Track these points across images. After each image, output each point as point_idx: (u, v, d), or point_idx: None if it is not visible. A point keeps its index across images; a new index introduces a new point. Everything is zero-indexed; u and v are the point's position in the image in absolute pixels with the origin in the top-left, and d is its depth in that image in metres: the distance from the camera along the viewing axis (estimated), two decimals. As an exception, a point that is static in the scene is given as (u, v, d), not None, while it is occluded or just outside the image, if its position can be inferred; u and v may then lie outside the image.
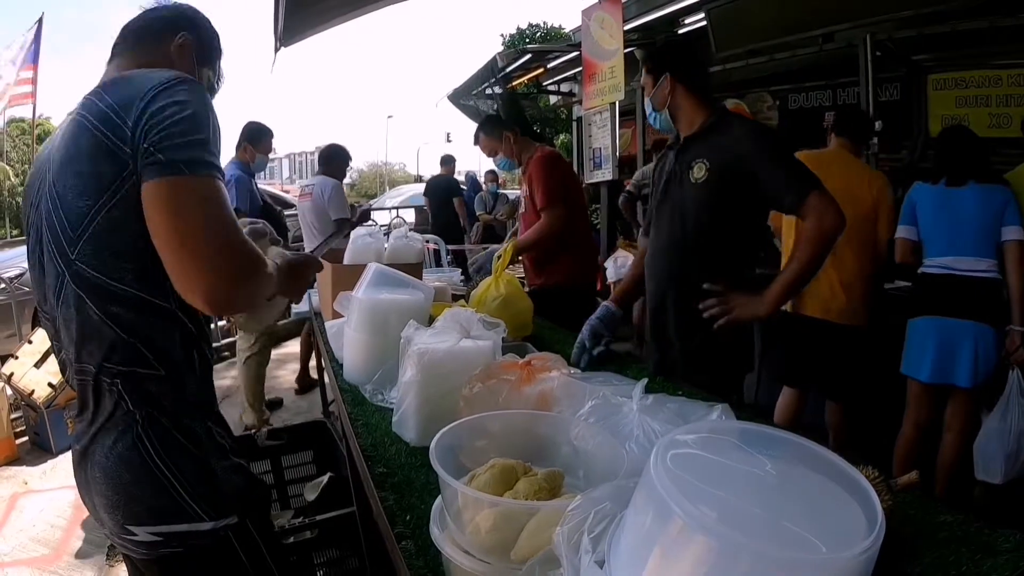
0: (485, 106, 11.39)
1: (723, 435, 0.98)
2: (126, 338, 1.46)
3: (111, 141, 1.39)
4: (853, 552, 0.74)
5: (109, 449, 1.50)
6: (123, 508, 1.51)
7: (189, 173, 1.38)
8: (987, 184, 3.65)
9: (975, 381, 3.57)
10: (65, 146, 1.47)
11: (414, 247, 3.62)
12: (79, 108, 1.47)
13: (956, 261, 3.67)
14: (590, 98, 7.08)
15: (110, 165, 1.39)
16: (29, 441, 5.50)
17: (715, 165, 2.61)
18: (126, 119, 1.39)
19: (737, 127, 2.66)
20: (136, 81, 1.46)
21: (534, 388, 1.75)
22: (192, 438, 1.54)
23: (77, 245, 1.43)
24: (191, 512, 1.51)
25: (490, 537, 1.14)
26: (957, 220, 3.69)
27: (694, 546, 0.75)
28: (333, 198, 6.23)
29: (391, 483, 1.75)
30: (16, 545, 3.99)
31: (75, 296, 1.45)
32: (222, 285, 1.38)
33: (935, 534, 1.43)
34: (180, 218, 1.36)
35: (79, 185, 1.42)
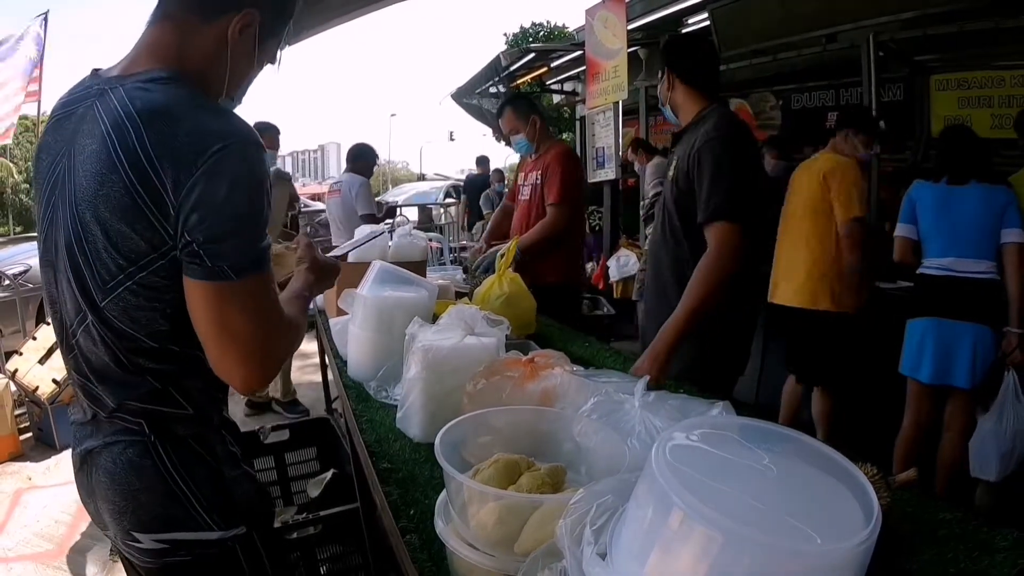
0: (489, 105, 11.41)
1: (724, 431, 0.99)
2: (152, 382, 1.41)
3: (151, 212, 1.26)
4: (851, 543, 0.76)
5: (118, 455, 1.44)
6: (130, 515, 1.45)
7: (237, 279, 1.29)
8: (989, 184, 3.66)
9: (974, 382, 3.60)
10: (93, 171, 1.29)
11: (418, 245, 3.63)
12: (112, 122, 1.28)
13: (955, 262, 3.68)
14: (593, 97, 7.09)
15: (150, 235, 1.28)
16: (33, 437, 5.52)
17: (681, 164, 2.65)
18: (170, 191, 1.25)
19: (707, 127, 2.63)
20: (185, 129, 1.26)
21: (537, 385, 1.76)
22: (206, 446, 1.50)
23: (108, 296, 1.34)
24: (200, 521, 1.46)
25: (494, 530, 1.16)
26: (958, 220, 3.70)
27: (694, 537, 0.76)
28: (360, 195, 6.41)
29: (395, 478, 1.76)
30: (20, 540, 4.01)
31: (98, 337, 1.39)
32: (261, 373, 1.39)
33: (933, 531, 1.44)
34: (224, 321, 1.31)
35: (110, 234, 1.29)
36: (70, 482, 4.49)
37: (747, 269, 2.60)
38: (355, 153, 6.69)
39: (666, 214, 2.76)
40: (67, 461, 4.95)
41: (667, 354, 2.43)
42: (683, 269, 2.64)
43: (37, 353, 5.40)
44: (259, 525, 1.61)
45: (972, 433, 3.71)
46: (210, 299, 1.30)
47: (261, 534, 1.61)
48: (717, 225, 2.46)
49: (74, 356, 1.46)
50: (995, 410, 3.64)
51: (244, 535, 1.54)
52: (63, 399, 5.19)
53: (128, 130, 1.26)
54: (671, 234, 2.75)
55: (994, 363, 3.63)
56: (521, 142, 4.29)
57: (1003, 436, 3.57)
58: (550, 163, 4.14)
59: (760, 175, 2.74)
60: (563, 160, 4.15)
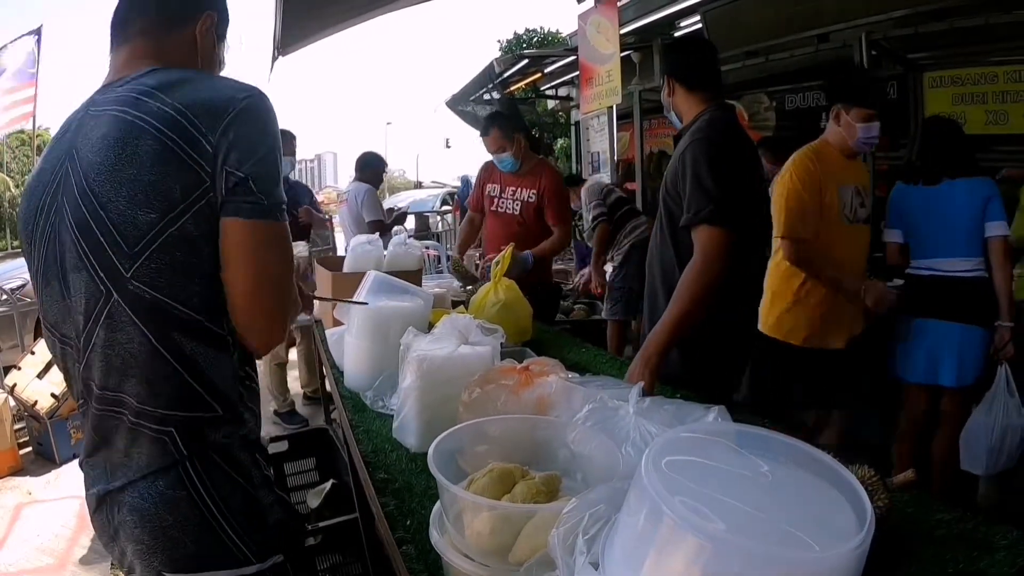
0: (483, 111, 11.42)
1: (717, 437, 0.99)
2: (179, 369, 1.33)
3: (186, 153, 1.28)
4: (843, 549, 0.75)
5: (146, 489, 1.35)
6: (160, 554, 1.37)
7: (278, 220, 1.38)
8: (971, 178, 3.63)
9: (961, 383, 3.60)
10: (106, 147, 1.30)
11: (413, 254, 3.64)
12: (125, 106, 1.33)
13: (942, 262, 3.67)
14: (588, 102, 7.10)
15: (184, 178, 1.28)
16: (33, 452, 5.50)
17: (669, 167, 2.66)
18: (206, 133, 1.29)
19: (694, 129, 2.64)
20: (206, 88, 1.37)
21: (532, 393, 1.76)
22: (241, 471, 1.44)
23: (136, 261, 1.28)
24: (237, 555, 1.40)
25: (488, 540, 1.16)
26: (944, 220, 3.66)
27: (684, 546, 0.76)
28: (366, 202, 6.49)
29: (392, 488, 1.76)
30: (21, 555, 4.00)
31: (122, 319, 1.31)
32: (282, 327, 1.46)
33: (932, 532, 1.44)
34: (263, 265, 1.36)
35: (138, 195, 1.27)
36: (70, 496, 4.51)
37: (741, 270, 2.57)
38: (363, 162, 6.77)
39: (658, 217, 2.76)
40: (67, 475, 4.99)
41: (657, 359, 2.39)
42: (670, 273, 2.64)
43: (36, 367, 5.40)
44: (292, 550, 1.57)
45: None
46: (253, 237, 1.35)
47: (294, 560, 1.57)
48: (701, 229, 2.44)
49: (87, 367, 1.37)
50: (985, 403, 3.65)
51: (280, 564, 1.49)
52: (62, 413, 5.20)
53: (146, 97, 1.33)
54: (660, 238, 2.74)
55: (986, 360, 3.62)
56: (506, 160, 4.40)
57: (992, 430, 3.58)
58: (550, 188, 4.38)
59: (752, 176, 2.70)
60: (559, 183, 4.52)
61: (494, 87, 10.61)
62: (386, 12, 6.47)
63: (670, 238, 2.68)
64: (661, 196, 2.72)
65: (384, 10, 6.38)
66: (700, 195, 2.45)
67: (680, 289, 2.44)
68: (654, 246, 2.82)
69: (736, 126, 2.75)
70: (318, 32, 6.41)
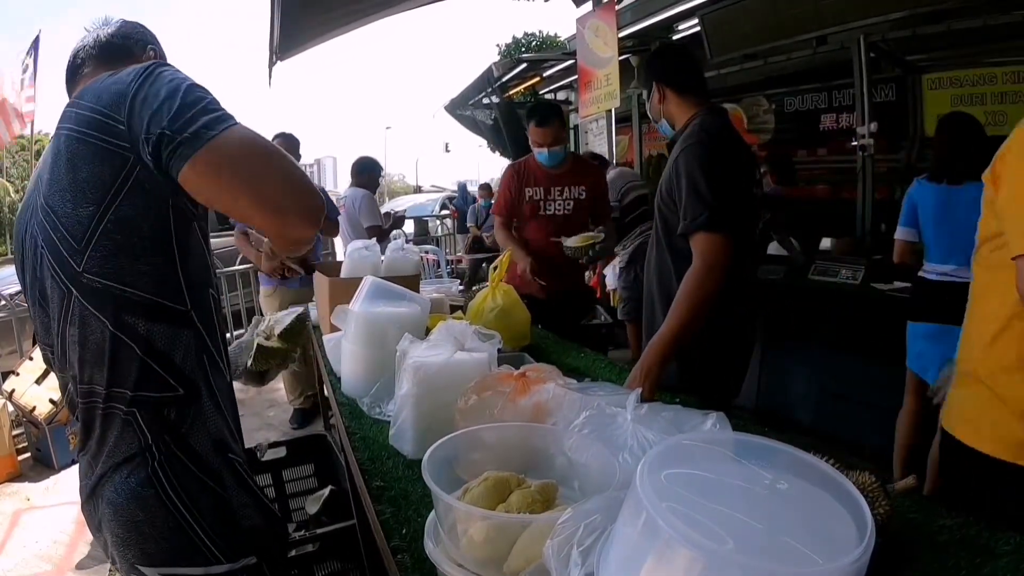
0: (483, 116, 11.42)
1: (715, 446, 0.98)
2: (139, 353, 1.40)
3: (105, 142, 1.34)
4: (841, 563, 0.74)
5: (120, 484, 1.43)
6: (134, 547, 1.44)
7: (219, 133, 1.32)
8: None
9: None
10: (52, 162, 1.40)
11: (411, 259, 3.62)
12: (61, 124, 1.42)
13: (957, 270, 3.61)
14: (586, 106, 7.09)
15: (109, 165, 1.34)
16: (31, 457, 5.49)
17: (665, 178, 2.65)
18: (116, 116, 1.35)
19: (686, 134, 2.64)
20: (110, 82, 1.41)
21: (529, 400, 1.75)
22: (210, 472, 1.48)
23: (84, 255, 1.36)
24: (207, 554, 1.44)
25: (483, 550, 1.15)
26: (959, 226, 3.54)
27: (679, 560, 0.75)
28: (363, 207, 6.50)
29: (388, 496, 1.74)
30: (19, 561, 3.99)
31: (83, 313, 1.39)
32: (308, 198, 1.39)
33: (935, 538, 1.43)
34: (239, 171, 1.33)
35: (77, 195, 1.35)
36: (68, 502, 4.51)
37: (736, 273, 2.55)
38: (359, 167, 6.77)
39: (654, 225, 2.74)
40: (65, 481, 4.98)
41: (658, 370, 2.38)
42: (667, 281, 2.64)
43: (34, 373, 5.39)
44: (270, 553, 1.60)
45: None
46: (213, 164, 1.32)
47: (272, 563, 1.60)
48: (699, 236, 2.43)
49: (61, 350, 1.48)
50: None
51: (254, 565, 1.53)
52: (60, 419, 5.18)
53: (71, 109, 1.41)
54: (657, 245, 2.74)
55: None
56: (559, 154, 4.24)
57: None
58: (599, 183, 4.40)
59: (746, 179, 2.69)
60: (604, 176, 4.52)
61: (493, 91, 10.59)
62: (385, 16, 6.48)
63: (666, 246, 2.68)
64: (656, 204, 2.71)
65: (383, 14, 6.39)
66: (696, 202, 2.44)
67: (680, 298, 2.43)
68: (651, 254, 2.81)
69: (729, 128, 2.73)
70: (316, 37, 6.42)
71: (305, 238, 1.44)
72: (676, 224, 2.55)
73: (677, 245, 2.60)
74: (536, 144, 4.23)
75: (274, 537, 1.66)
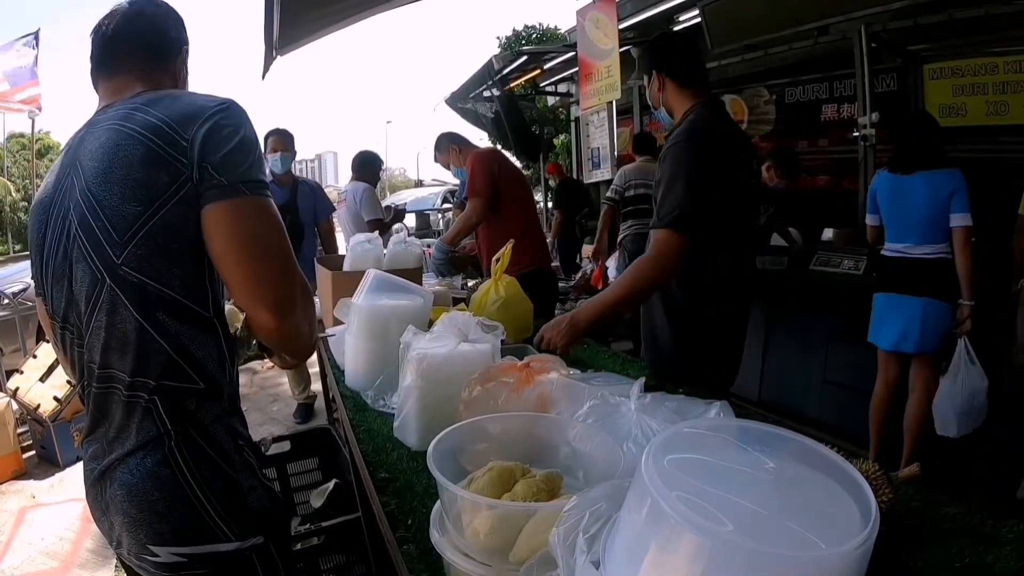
0: (484, 108, 11.42)
1: (720, 433, 0.98)
2: (165, 346, 1.46)
3: (166, 152, 1.42)
4: (846, 547, 0.74)
5: (135, 466, 1.48)
6: (147, 527, 1.49)
7: (251, 195, 1.47)
8: (935, 171, 4.00)
9: (921, 349, 4.07)
10: (103, 154, 1.46)
11: (413, 252, 3.63)
12: (118, 120, 1.49)
13: (908, 248, 4.13)
14: (587, 98, 7.08)
15: (166, 173, 1.42)
16: (36, 455, 5.50)
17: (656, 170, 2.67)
18: (183, 133, 1.43)
19: (677, 134, 2.65)
20: (186, 101, 1.52)
21: (533, 390, 1.75)
22: (223, 455, 1.54)
23: (125, 249, 1.42)
24: (217, 532, 1.50)
25: (488, 539, 1.15)
26: (907, 210, 4.13)
27: (684, 545, 0.75)
28: (365, 201, 6.51)
29: (393, 488, 1.75)
30: (25, 559, 4.00)
31: (114, 301, 1.44)
32: (289, 292, 1.50)
33: (938, 526, 1.43)
34: (249, 234, 1.45)
35: (127, 191, 1.42)
36: (73, 499, 4.51)
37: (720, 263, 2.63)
38: (359, 161, 6.78)
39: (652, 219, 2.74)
40: (70, 478, 4.99)
41: (584, 327, 2.54)
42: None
43: (38, 371, 5.40)
44: (275, 534, 1.65)
45: (933, 395, 4.07)
46: (232, 216, 1.44)
47: (277, 543, 1.65)
48: (662, 232, 2.48)
49: (81, 334, 1.52)
50: (951, 373, 3.97)
51: (261, 544, 1.58)
52: (65, 416, 5.19)
53: (136, 111, 1.48)
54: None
55: (947, 331, 4.03)
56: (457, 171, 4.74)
57: (958, 396, 3.91)
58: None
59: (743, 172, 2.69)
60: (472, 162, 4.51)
61: (493, 84, 10.58)
62: (384, 10, 6.46)
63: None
64: (653, 198, 2.71)
65: (382, 8, 6.36)
66: (671, 199, 2.49)
67: (626, 275, 2.55)
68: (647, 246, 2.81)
69: (723, 122, 2.75)
70: (316, 32, 6.39)
71: (266, 328, 1.51)
72: None
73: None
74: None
75: (280, 519, 1.70)
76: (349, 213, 6.56)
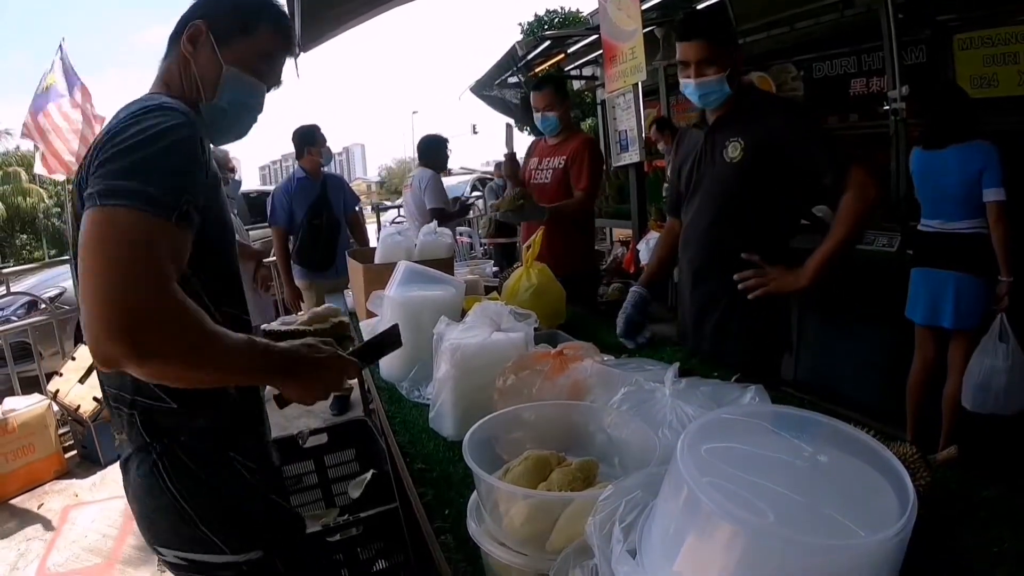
0: (510, 95, 11.39)
1: (755, 419, 0.98)
2: None
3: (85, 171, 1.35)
4: (884, 536, 0.74)
5: (136, 470, 1.53)
6: (149, 529, 1.55)
7: (100, 203, 1.25)
8: (966, 144, 3.94)
9: (958, 325, 4.01)
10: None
11: (444, 242, 3.62)
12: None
13: (942, 224, 4.08)
14: (612, 80, 7.02)
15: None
16: (78, 455, 5.57)
17: (750, 144, 2.60)
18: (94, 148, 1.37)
19: (767, 104, 2.67)
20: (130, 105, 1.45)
21: (567, 378, 1.75)
22: (208, 469, 1.54)
23: None
24: (208, 543, 1.51)
25: (525, 529, 1.15)
26: (939, 186, 4.08)
27: (721, 534, 0.75)
28: (429, 188, 6.46)
29: (429, 478, 1.76)
30: (70, 556, 4.06)
31: None
32: (102, 335, 1.18)
33: (976, 511, 1.42)
34: (86, 250, 1.23)
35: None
36: (115, 496, 4.57)
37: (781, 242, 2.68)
38: (424, 146, 6.74)
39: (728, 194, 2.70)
40: (112, 476, 5.06)
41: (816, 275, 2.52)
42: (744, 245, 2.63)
43: (77, 373, 5.46)
44: (280, 549, 1.63)
45: None
46: (84, 230, 1.25)
47: (285, 558, 1.63)
48: (855, 169, 2.47)
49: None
50: (982, 347, 3.94)
51: (260, 560, 1.57)
52: (105, 416, 5.25)
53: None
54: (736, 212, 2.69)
55: (983, 308, 3.97)
56: (552, 120, 4.30)
57: (987, 373, 3.88)
58: (578, 151, 4.25)
59: None
60: (592, 149, 4.30)
61: (518, 70, 10.56)
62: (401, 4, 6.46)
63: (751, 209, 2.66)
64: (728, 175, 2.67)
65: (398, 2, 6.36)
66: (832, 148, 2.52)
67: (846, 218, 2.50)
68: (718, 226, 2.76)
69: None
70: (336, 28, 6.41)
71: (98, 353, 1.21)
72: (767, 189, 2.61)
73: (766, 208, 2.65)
74: (535, 109, 4.35)
75: (286, 534, 1.69)
76: (414, 199, 6.55)
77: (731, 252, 2.66)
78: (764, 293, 2.54)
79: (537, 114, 4.33)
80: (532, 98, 4.35)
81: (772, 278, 2.55)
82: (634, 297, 2.86)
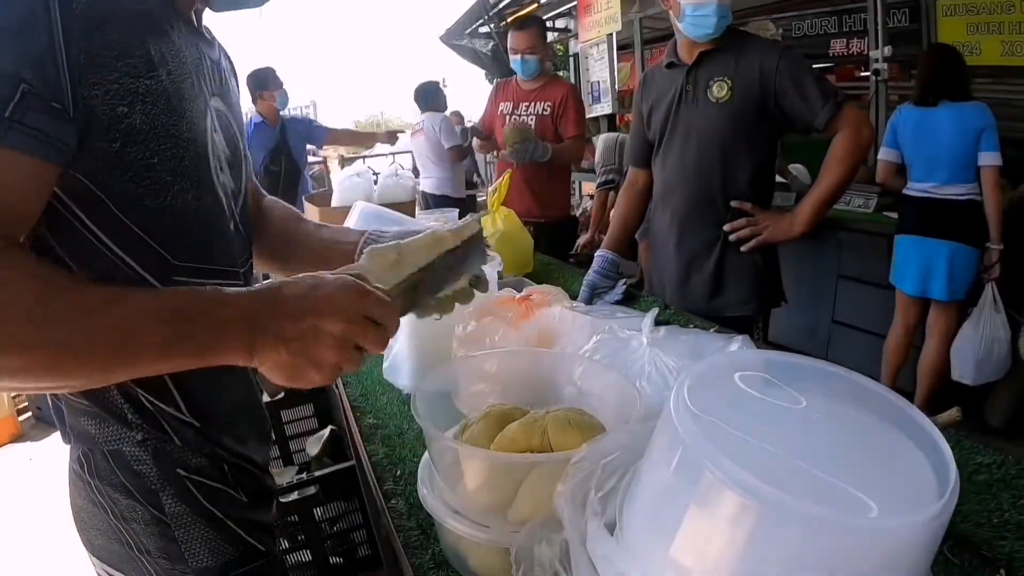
0: (481, 45, 11.19)
1: (749, 369, 0.81)
2: None
3: None
4: (923, 516, 0.60)
5: (70, 462, 1.19)
6: (79, 528, 1.21)
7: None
8: (961, 104, 3.88)
9: (950, 296, 3.93)
10: None
11: (405, 185, 3.54)
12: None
13: (936, 187, 3.93)
14: (586, 30, 6.93)
15: None
16: (32, 416, 5.47)
17: (738, 83, 2.50)
18: None
19: (755, 43, 2.57)
20: None
21: (533, 324, 1.66)
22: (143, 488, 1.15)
23: None
24: (144, 570, 1.17)
25: (482, 495, 1.01)
26: (933, 146, 3.93)
27: (727, 508, 0.60)
28: (443, 129, 6.61)
29: (381, 435, 1.63)
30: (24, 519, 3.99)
31: None
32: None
33: (973, 477, 1.33)
34: None
35: None
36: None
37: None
38: (422, 93, 6.90)
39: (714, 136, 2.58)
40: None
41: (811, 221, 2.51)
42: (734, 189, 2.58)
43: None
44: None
45: (952, 339, 4.00)
46: None
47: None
48: (848, 109, 2.44)
49: None
50: (973, 318, 3.90)
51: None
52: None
53: None
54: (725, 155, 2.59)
55: (974, 278, 3.91)
56: (533, 62, 4.26)
57: (979, 343, 3.85)
58: (565, 98, 4.30)
59: None
60: (578, 97, 4.42)
61: (490, 19, 10.35)
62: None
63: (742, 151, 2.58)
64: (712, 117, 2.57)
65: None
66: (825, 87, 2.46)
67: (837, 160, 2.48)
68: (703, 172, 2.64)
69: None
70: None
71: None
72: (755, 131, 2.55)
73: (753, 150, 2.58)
74: (512, 51, 4.28)
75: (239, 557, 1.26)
76: (429, 143, 6.69)
77: (720, 199, 2.58)
78: (759, 244, 2.50)
79: (516, 56, 4.25)
80: (511, 39, 4.28)
81: (765, 226, 2.51)
82: (601, 262, 2.69)
